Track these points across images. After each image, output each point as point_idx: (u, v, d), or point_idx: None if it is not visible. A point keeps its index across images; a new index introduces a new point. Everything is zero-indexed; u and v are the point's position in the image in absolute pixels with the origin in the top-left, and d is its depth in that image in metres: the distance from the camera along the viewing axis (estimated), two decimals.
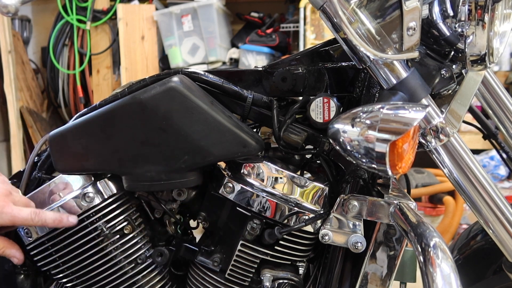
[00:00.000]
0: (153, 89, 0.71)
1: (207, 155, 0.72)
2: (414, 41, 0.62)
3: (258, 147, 0.73)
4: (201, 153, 0.72)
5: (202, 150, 0.72)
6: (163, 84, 0.71)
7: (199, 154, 0.72)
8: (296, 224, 0.75)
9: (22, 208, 0.73)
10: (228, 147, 0.72)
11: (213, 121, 0.71)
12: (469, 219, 2.45)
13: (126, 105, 0.72)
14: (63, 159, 0.76)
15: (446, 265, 0.52)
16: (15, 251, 0.76)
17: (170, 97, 0.71)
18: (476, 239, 1.03)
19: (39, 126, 3.16)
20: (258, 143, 0.73)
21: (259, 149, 0.73)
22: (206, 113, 0.71)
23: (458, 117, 0.69)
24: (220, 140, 0.71)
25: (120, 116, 0.72)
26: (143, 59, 3.06)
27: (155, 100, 0.71)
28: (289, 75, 0.79)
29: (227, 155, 0.73)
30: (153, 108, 0.71)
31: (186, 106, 0.71)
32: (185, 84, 0.72)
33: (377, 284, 0.76)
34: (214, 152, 0.72)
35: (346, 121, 0.63)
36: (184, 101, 0.71)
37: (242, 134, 0.72)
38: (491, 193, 0.69)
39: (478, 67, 0.66)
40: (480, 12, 0.61)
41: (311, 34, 2.74)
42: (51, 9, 3.35)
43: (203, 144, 0.71)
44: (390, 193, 0.73)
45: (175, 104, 0.71)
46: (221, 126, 0.71)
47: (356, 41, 0.61)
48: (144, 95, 0.71)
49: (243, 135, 0.72)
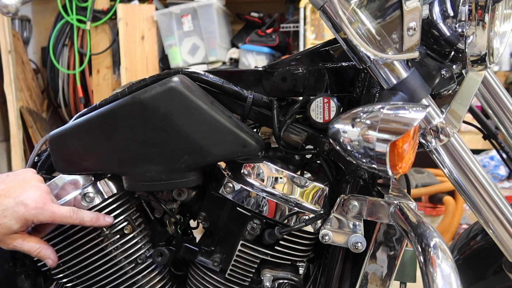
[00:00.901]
0: (153, 89, 0.71)
1: (207, 155, 0.72)
2: (414, 41, 0.62)
3: (258, 147, 0.73)
4: (201, 153, 0.72)
5: (202, 150, 0.72)
6: (163, 84, 0.71)
7: (199, 154, 0.72)
8: (296, 224, 0.75)
9: (62, 206, 0.74)
10: (228, 147, 0.72)
11: (213, 121, 0.71)
12: (469, 219, 2.45)
13: (126, 105, 0.72)
14: (63, 159, 0.76)
15: (446, 265, 0.52)
16: (50, 253, 0.76)
17: (170, 97, 0.71)
18: (476, 239, 1.03)
19: (39, 126, 3.16)
20: (258, 143, 0.73)
21: (259, 149, 0.73)
22: (206, 113, 0.71)
23: (458, 117, 0.69)
24: (220, 140, 0.71)
25: (120, 116, 0.72)
26: (143, 59, 3.06)
27: (155, 100, 0.71)
28: (289, 75, 0.79)
29: (227, 155, 0.73)
30: (153, 108, 0.71)
31: (186, 106, 0.71)
32: (185, 84, 0.72)
33: (377, 284, 0.76)
34: (214, 152, 0.72)
35: (346, 121, 0.63)
36: (184, 101, 0.71)
37: (242, 134, 0.72)
38: (491, 193, 0.69)
39: (478, 67, 0.66)
40: (481, 12, 0.61)
41: (311, 34, 2.74)
42: (51, 9, 3.34)
43: (203, 144, 0.71)
44: (390, 193, 0.73)
45: (175, 104, 0.71)
46: (221, 126, 0.71)
47: (356, 41, 0.61)
48: (144, 95, 0.71)
49: (243, 135, 0.72)
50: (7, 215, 0.69)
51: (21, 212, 0.69)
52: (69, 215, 0.73)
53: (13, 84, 3.03)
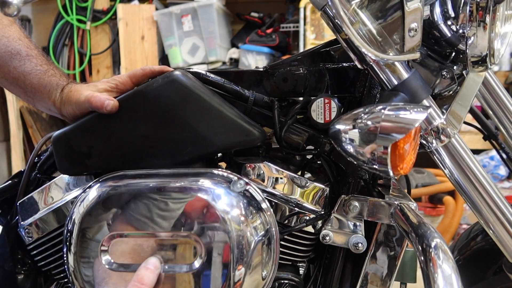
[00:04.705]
0: (155, 82, 0.73)
1: (210, 145, 0.72)
2: (416, 42, 0.62)
3: (260, 137, 0.73)
4: (204, 143, 0.72)
5: (205, 141, 0.72)
6: (165, 77, 0.73)
7: (202, 144, 0.72)
8: (296, 225, 0.75)
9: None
10: (231, 137, 0.72)
11: (215, 111, 0.72)
12: (469, 219, 2.45)
13: (128, 99, 0.73)
14: (67, 160, 0.76)
15: (447, 266, 0.52)
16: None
17: (172, 88, 0.71)
18: (477, 240, 1.03)
19: (39, 126, 3.16)
20: (260, 133, 0.73)
21: (261, 139, 0.73)
22: (208, 103, 0.72)
23: (459, 118, 0.69)
24: (223, 129, 0.72)
25: (123, 110, 0.73)
26: (143, 59, 3.06)
27: (158, 92, 0.72)
28: (290, 75, 0.79)
29: (229, 144, 0.73)
30: (155, 100, 0.71)
31: (188, 97, 0.71)
32: (186, 77, 0.73)
33: (378, 284, 0.76)
34: (217, 142, 0.72)
35: (347, 121, 0.63)
36: (186, 92, 0.71)
37: (244, 124, 0.72)
38: (491, 194, 0.69)
39: (479, 68, 0.66)
40: (481, 13, 0.61)
41: (311, 34, 2.74)
42: (51, 9, 3.34)
43: (206, 134, 0.72)
44: (391, 194, 0.73)
45: (177, 95, 0.71)
46: (223, 116, 0.72)
47: (358, 41, 0.61)
48: (147, 88, 0.72)
49: (245, 125, 0.72)
50: None
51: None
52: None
53: None
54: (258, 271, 0.68)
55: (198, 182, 0.68)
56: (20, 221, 0.81)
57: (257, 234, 0.67)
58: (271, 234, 0.69)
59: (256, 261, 0.67)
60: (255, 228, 0.67)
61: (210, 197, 0.66)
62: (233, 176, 0.71)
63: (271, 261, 0.69)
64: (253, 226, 0.67)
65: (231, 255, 0.65)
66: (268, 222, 0.69)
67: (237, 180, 0.70)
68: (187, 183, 0.68)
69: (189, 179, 0.69)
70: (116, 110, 0.72)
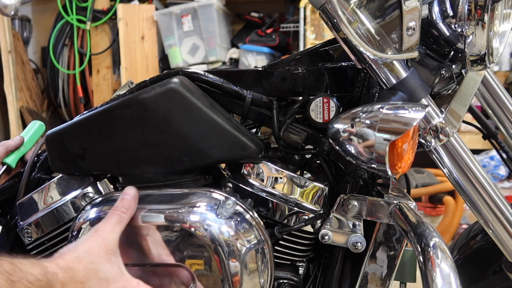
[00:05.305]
0: (153, 89, 0.71)
1: (206, 158, 0.71)
2: (414, 41, 0.62)
3: (257, 150, 0.72)
4: (200, 155, 0.71)
5: (201, 152, 0.71)
6: (163, 85, 0.71)
7: (198, 156, 0.71)
8: (296, 224, 0.75)
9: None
10: (227, 150, 0.71)
11: (213, 123, 0.71)
12: (469, 219, 2.45)
13: (125, 105, 0.72)
14: (60, 159, 0.76)
15: (445, 265, 0.52)
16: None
17: (170, 98, 0.70)
18: (476, 239, 1.03)
19: None
20: (257, 146, 0.72)
21: (258, 152, 0.73)
22: (206, 114, 0.71)
23: (458, 117, 0.69)
24: (220, 142, 0.71)
25: (119, 116, 0.72)
26: (143, 59, 3.06)
27: (155, 101, 0.70)
28: (289, 75, 0.79)
29: (226, 157, 0.72)
30: (152, 108, 0.70)
31: (185, 107, 0.70)
32: (185, 86, 0.72)
33: (377, 284, 0.76)
34: (213, 155, 0.71)
35: (346, 121, 0.63)
36: (184, 102, 0.70)
37: (242, 137, 0.71)
38: (491, 193, 0.69)
39: (478, 67, 0.66)
40: (480, 12, 0.61)
41: (311, 34, 2.74)
42: (51, 9, 3.35)
43: (202, 146, 0.71)
44: (390, 193, 0.73)
45: (174, 105, 0.70)
46: (221, 128, 0.71)
47: (356, 41, 0.61)
48: (144, 95, 0.71)
49: (242, 138, 0.71)
50: None
51: None
52: None
53: (13, 84, 3.04)
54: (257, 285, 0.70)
55: (185, 214, 0.67)
56: (19, 221, 0.81)
57: (250, 251, 0.68)
58: (263, 248, 0.70)
59: (253, 276, 0.69)
60: (248, 248, 0.68)
61: (199, 230, 0.67)
62: (221, 197, 0.70)
63: (266, 270, 0.71)
64: (245, 247, 0.68)
65: (224, 278, 0.67)
66: (260, 235, 0.70)
67: (225, 200, 0.69)
68: (174, 214, 0.68)
69: (176, 208, 0.68)
70: None
